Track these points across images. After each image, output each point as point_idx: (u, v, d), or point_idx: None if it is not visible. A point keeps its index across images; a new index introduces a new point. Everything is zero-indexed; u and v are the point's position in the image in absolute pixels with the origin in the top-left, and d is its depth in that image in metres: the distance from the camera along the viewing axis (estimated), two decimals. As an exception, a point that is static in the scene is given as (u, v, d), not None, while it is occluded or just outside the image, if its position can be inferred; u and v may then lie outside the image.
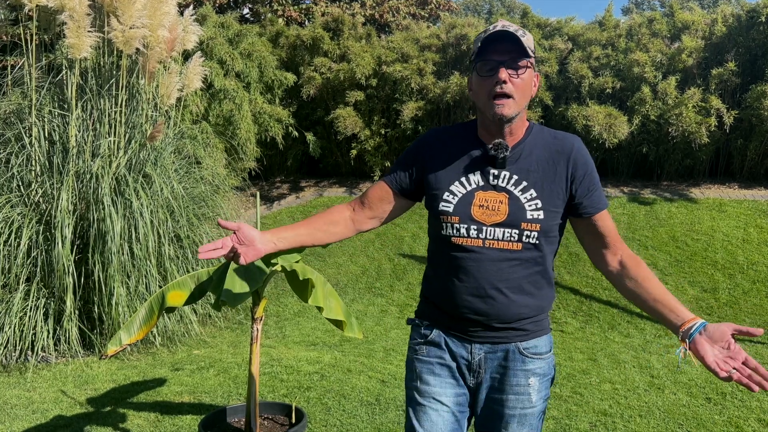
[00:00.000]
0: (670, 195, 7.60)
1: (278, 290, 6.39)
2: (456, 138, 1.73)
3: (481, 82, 1.61)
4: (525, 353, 1.70)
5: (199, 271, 2.65)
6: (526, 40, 1.58)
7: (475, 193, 1.65)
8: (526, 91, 1.62)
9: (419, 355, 1.76)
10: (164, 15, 4.89)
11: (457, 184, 1.67)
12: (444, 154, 1.71)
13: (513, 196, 1.63)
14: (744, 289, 5.84)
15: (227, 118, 7.32)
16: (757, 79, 7.55)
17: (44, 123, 4.89)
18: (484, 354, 1.70)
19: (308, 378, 4.09)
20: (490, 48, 1.59)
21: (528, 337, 1.70)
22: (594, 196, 1.66)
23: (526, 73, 1.60)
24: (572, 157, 1.65)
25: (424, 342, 1.76)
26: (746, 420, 3.47)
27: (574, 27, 8.80)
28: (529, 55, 1.58)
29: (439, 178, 1.69)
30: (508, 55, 1.58)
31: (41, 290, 4.58)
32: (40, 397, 3.90)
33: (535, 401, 1.71)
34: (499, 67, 1.57)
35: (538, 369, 1.71)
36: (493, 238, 1.63)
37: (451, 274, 1.68)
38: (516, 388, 1.69)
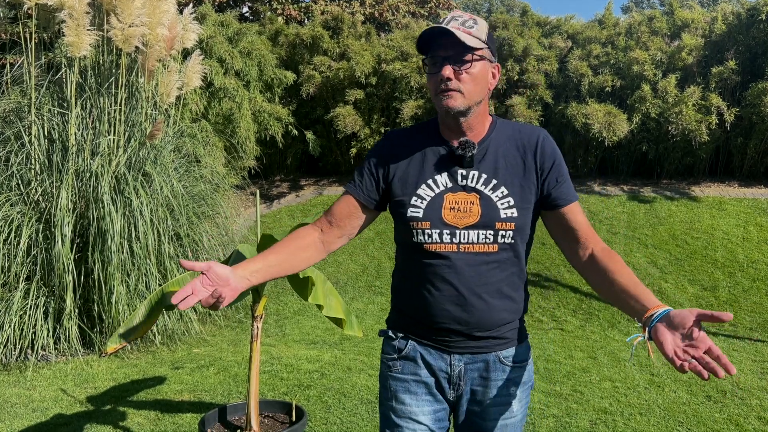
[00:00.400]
0: (670, 193, 7.60)
1: (278, 289, 6.39)
2: (417, 138, 1.63)
3: (429, 78, 1.56)
4: (505, 362, 1.63)
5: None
6: (476, 31, 1.51)
7: (444, 196, 1.56)
8: (477, 84, 1.53)
9: (393, 372, 1.66)
10: (163, 13, 4.89)
11: (424, 187, 1.57)
12: (407, 156, 1.61)
13: (484, 196, 1.55)
14: (744, 287, 5.84)
15: (227, 117, 7.32)
16: (757, 77, 7.55)
17: (44, 121, 4.88)
18: (463, 365, 1.62)
19: (308, 376, 4.09)
20: (436, 43, 1.52)
21: (508, 345, 1.63)
22: (563, 188, 1.58)
23: (475, 67, 1.52)
24: (539, 150, 1.58)
25: (398, 357, 1.66)
26: (746, 418, 3.47)
27: (574, 25, 8.80)
28: (476, 49, 1.50)
29: (405, 182, 1.59)
30: (453, 49, 1.50)
31: (41, 289, 4.58)
32: (40, 396, 3.90)
33: (516, 411, 1.65)
34: (443, 63, 1.51)
35: (519, 377, 1.65)
36: (468, 242, 1.54)
37: (426, 283, 1.58)
38: (497, 399, 1.62)
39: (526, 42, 8.25)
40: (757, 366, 4.35)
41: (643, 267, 6.24)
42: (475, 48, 1.51)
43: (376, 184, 1.64)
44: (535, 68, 8.11)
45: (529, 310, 5.81)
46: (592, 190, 7.88)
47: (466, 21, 1.53)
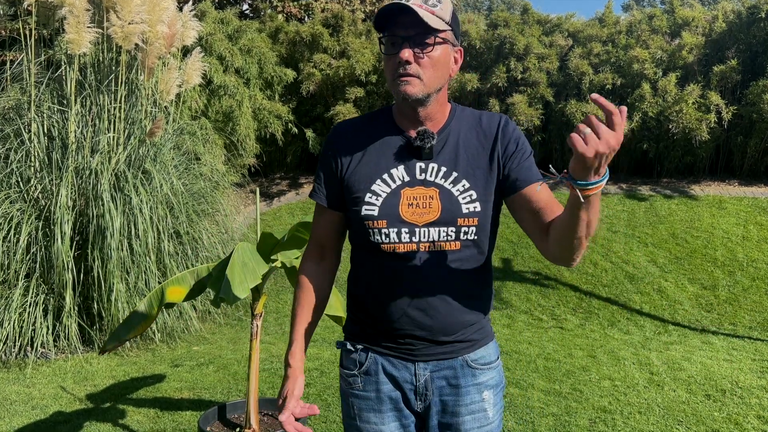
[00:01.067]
0: (670, 192, 7.59)
1: (278, 287, 6.39)
2: (370, 128, 1.50)
3: (386, 60, 1.41)
4: (474, 365, 1.51)
5: (198, 267, 2.65)
6: (440, 11, 1.37)
7: (401, 191, 1.43)
8: (438, 69, 1.39)
9: (355, 390, 1.54)
10: (163, 10, 4.88)
11: (380, 182, 1.44)
12: (359, 149, 1.48)
13: (444, 190, 1.42)
14: (744, 286, 5.84)
15: (227, 114, 7.31)
16: (757, 75, 7.54)
17: (43, 119, 4.88)
18: (429, 374, 1.49)
19: (308, 374, 4.09)
20: (395, 21, 1.37)
21: (475, 347, 1.51)
22: (524, 167, 1.43)
23: (436, 51, 1.38)
24: (500, 134, 1.45)
25: (358, 372, 1.53)
26: (745, 417, 3.47)
27: (575, 23, 8.79)
28: (439, 30, 1.37)
29: (358, 178, 1.46)
30: (413, 29, 1.36)
31: (40, 286, 4.57)
32: (39, 393, 3.90)
33: (492, 417, 1.53)
34: (402, 44, 1.37)
35: (490, 380, 1.53)
36: (428, 240, 1.42)
37: (385, 286, 1.46)
38: (471, 407, 1.50)
39: (527, 40, 8.24)
40: (757, 365, 4.35)
41: (643, 266, 6.24)
42: (438, 30, 1.37)
43: (336, 182, 1.51)
44: (536, 66, 8.10)
45: (528, 308, 5.83)
46: (592, 188, 7.87)
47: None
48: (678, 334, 5.22)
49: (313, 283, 1.57)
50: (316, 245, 1.60)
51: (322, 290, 1.58)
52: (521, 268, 6.45)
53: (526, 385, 3.90)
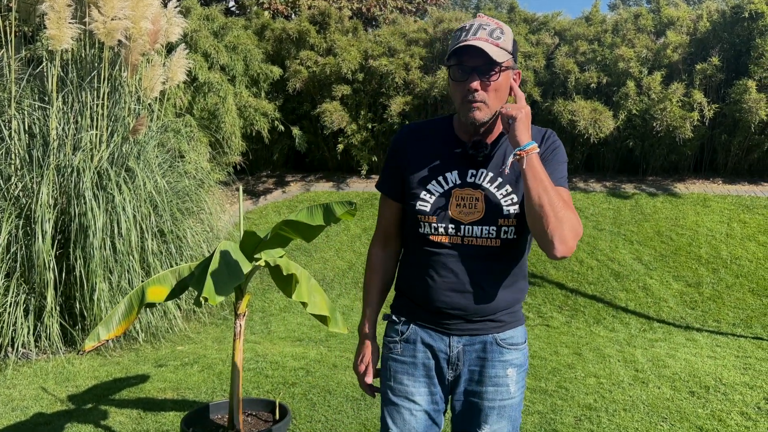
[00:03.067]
0: (655, 190, 7.64)
1: (264, 285, 6.35)
2: (433, 135, 1.72)
3: (455, 85, 1.61)
4: (502, 344, 1.71)
5: (180, 266, 2.61)
6: (503, 42, 1.57)
7: (452, 191, 1.65)
8: (500, 94, 1.61)
9: (394, 354, 1.77)
10: (147, 6, 4.82)
11: (435, 183, 1.67)
12: (422, 152, 1.71)
13: (489, 193, 1.63)
14: (727, 283, 5.89)
15: (212, 112, 7.25)
16: (741, 74, 7.60)
17: (24, 116, 4.80)
18: (462, 346, 1.71)
19: (293, 374, 4.06)
20: (464, 51, 1.56)
21: (504, 328, 1.72)
22: (554, 170, 1.62)
23: (500, 78, 1.59)
24: (541, 141, 1.67)
25: (399, 340, 1.77)
26: (729, 413, 3.49)
27: (561, 22, 8.81)
28: (501, 62, 1.56)
29: (417, 176, 1.68)
30: (481, 60, 1.56)
31: (21, 286, 4.50)
32: (20, 395, 3.84)
33: (513, 392, 1.72)
34: (471, 73, 1.57)
35: (515, 360, 1.73)
36: (471, 236, 1.64)
37: (429, 270, 1.68)
38: (495, 380, 1.71)
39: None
40: (740, 362, 4.38)
41: (628, 263, 6.27)
42: (501, 62, 1.56)
43: (398, 178, 1.74)
44: (523, 65, 8.11)
45: (515, 306, 5.84)
46: (577, 186, 7.90)
47: (494, 30, 1.57)
48: (663, 331, 5.26)
49: (380, 265, 1.86)
50: (381, 232, 1.86)
51: (387, 272, 1.86)
52: (508, 266, 6.46)
53: (512, 383, 3.90)
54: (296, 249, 7.01)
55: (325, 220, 2.19)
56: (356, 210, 2.17)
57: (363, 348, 1.86)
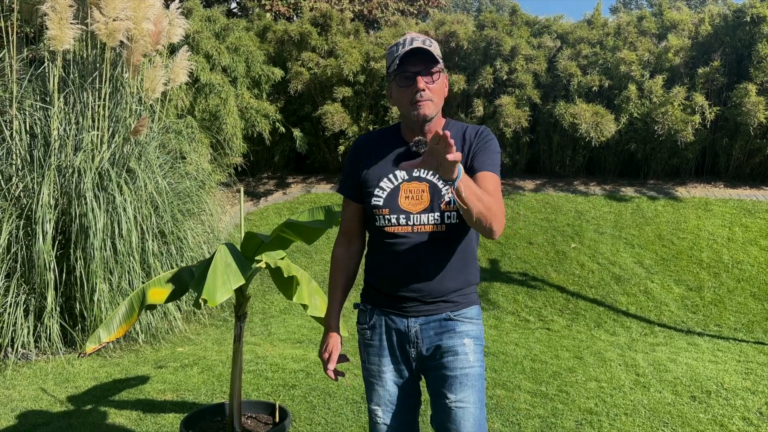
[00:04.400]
0: (656, 194, 7.63)
1: (264, 287, 6.34)
2: (382, 140, 1.95)
3: (401, 91, 1.84)
4: (456, 318, 1.90)
5: (181, 267, 2.60)
6: (434, 49, 1.81)
7: (401, 186, 1.86)
8: (440, 93, 1.86)
9: (365, 339, 1.99)
10: (149, 7, 4.82)
11: (386, 180, 1.88)
12: (373, 155, 1.93)
13: (432, 184, 1.85)
14: (729, 287, 5.88)
15: (213, 113, 7.25)
16: (742, 78, 7.60)
17: (25, 116, 4.80)
18: (419, 326, 1.90)
19: (293, 376, 4.05)
20: (406, 61, 1.80)
21: (458, 307, 1.91)
22: (480, 158, 1.83)
23: (439, 78, 1.84)
24: (476, 137, 1.88)
25: (368, 327, 1.98)
26: (730, 418, 3.48)
27: (563, 25, 8.81)
28: (438, 62, 1.81)
29: (371, 176, 1.90)
30: (422, 65, 1.81)
31: (22, 286, 4.50)
32: (19, 395, 3.83)
33: (473, 361, 1.89)
34: (416, 77, 1.81)
35: (471, 331, 1.91)
36: (420, 223, 1.84)
37: (387, 258, 1.89)
38: (453, 349, 1.88)
39: (515, 41, 8.24)
40: (742, 366, 4.37)
41: (630, 267, 6.26)
42: (438, 61, 1.81)
43: (356, 180, 1.95)
44: (524, 68, 8.11)
45: (515, 309, 5.83)
46: (578, 189, 7.90)
47: (425, 40, 1.82)
48: (664, 335, 5.24)
49: (343, 264, 2.03)
50: (345, 233, 2.04)
51: (350, 269, 2.04)
52: (508, 269, 6.45)
53: (513, 387, 3.89)
54: (297, 251, 7.00)
55: (326, 222, 2.18)
56: (358, 212, 2.16)
57: (327, 338, 2.04)
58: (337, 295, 2.04)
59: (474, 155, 1.86)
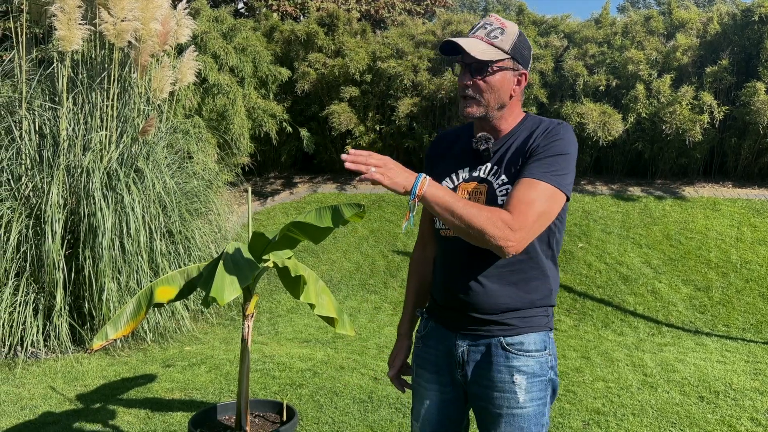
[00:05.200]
0: (664, 193, 7.60)
1: (271, 286, 6.36)
2: (456, 137, 1.80)
3: (457, 80, 1.67)
4: (508, 349, 1.64)
5: (189, 266, 2.62)
6: (500, 42, 1.60)
7: (458, 187, 1.69)
8: (496, 92, 1.62)
9: (417, 349, 1.86)
10: (157, 8, 4.84)
11: (447, 180, 1.72)
12: (444, 154, 1.79)
13: (490, 185, 1.64)
14: (737, 287, 5.85)
15: (220, 113, 7.27)
16: (751, 77, 7.56)
17: (35, 116, 4.83)
18: (467, 347, 1.69)
19: (300, 375, 4.06)
20: (457, 48, 1.60)
21: (513, 332, 1.64)
22: (537, 164, 1.57)
23: (494, 76, 1.61)
24: (541, 133, 1.62)
25: (421, 336, 1.84)
26: (739, 419, 3.46)
27: (570, 24, 8.78)
28: (492, 61, 1.59)
29: (437, 176, 1.72)
30: (473, 59, 1.60)
31: (31, 285, 4.53)
32: (29, 393, 3.86)
33: (522, 402, 1.63)
34: (465, 71, 1.63)
35: (525, 367, 1.64)
36: None
37: (441, 265, 1.75)
38: (500, 385, 1.64)
39: (522, 41, 8.22)
40: (750, 367, 4.34)
41: (637, 267, 6.24)
42: (491, 60, 1.59)
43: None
44: (531, 67, 8.09)
45: (522, 309, 5.81)
46: (586, 189, 7.87)
47: (494, 30, 1.61)
48: (672, 335, 5.22)
49: (416, 267, 1.93)
50: (421, 235, 1.93)
51: (424, 274, 1.90)
52: (515, 269, 6.44)
53: (520, 387, 3.88)
54: (304, 250, 7.02)
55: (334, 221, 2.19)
56: (364, 212, 2.17)
57: (395, 343, 1.96)
58: (410, 299, 1.93)
59: (530, 156, 1.60)
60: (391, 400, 3.64)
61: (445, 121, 8.46)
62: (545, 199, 1.54)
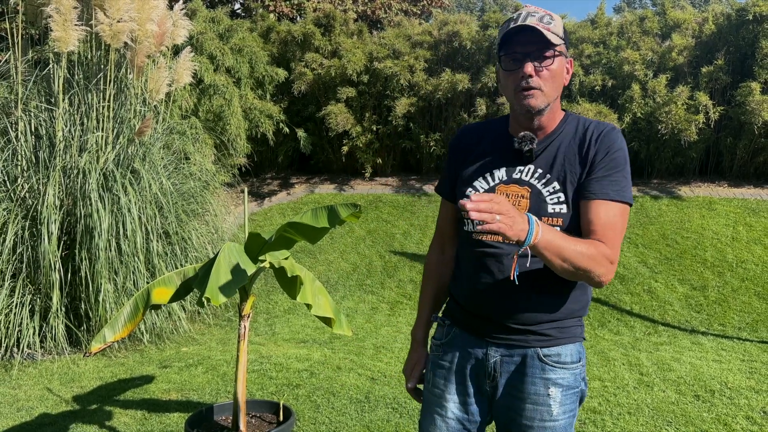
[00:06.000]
0: (660, 193, 7.62)
1: (268, 287, 6.36)
2: (487, 133, 1.68)
3: (507, 75, 1.55)
4: (545, 360, 1.58)
5: (185, 267, 2.62)
6: (554, 27, 1.51)
7: (496, 188, 1.58)
8: (555, 81, 1.54)
9: (435, 357, 1.73)
10: (153, 9, 4.84)
11: (481, 179, 1.61)
12: (474, 151, 1.67)
13: (535, 190, 1.54)
14: (733, 287, 5.87)
15: (217, 114, 7.27)
16: (746, 77, 7.58)
17: (31, 117, 4.83)
18: (500, 357, 1.60)
19: (297, 375, 4.07)
20: (514, 40, 1.51)
21: (550, 343, 1.58)
22: (606, 181, 1.50)
23: (554, 63, 1.52)
24: (596, 140, 1.54)
25: (441, 343, 1.71)
26: (734, 417, 3.48)
27: (566, 25, 8.79)
28: (556, 45, 1.50)
29: (466, 174, 1.64)
30: (533, 46, 1.50)
31: (27, 287, 4.52)
32: (25, 395, 3.86)
33: (556, 414, 1.57)
34: (524, 60, 1.50)
35: (561, 379, 1.58)
36: None
37: (472, 270, 1.61)
38: (534, 397, 1.57)
39: (518, 41, 8.24)
40: (746, 365, 4.36)
41: (633, 266, 6.26)
42: (555, 44, 1.50)
43: (453, 177, 1.70)
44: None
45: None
46: (583, 189, 7.89)
47: (543, 17, 1.52)
48: (668, 334, 5.24)
49: (434, 269, 1.82)
50: (439, 235, 1.82)
51: (442, 276, 1.81)
52: (512, 269, 6.45)
53: (516, 386, 3.89)
54: (300, 251, 7.02)
55: (330, 222, 2.19)
56: (361, 212, 2.17)
57: (411, 352, 1.84)
58: (426, 304, 1.81)
59: (592, 169, 1.51)
60: (388, 400, 3.64)
61: (442, 122, 8.47)
62: (623, 219, 1.52)
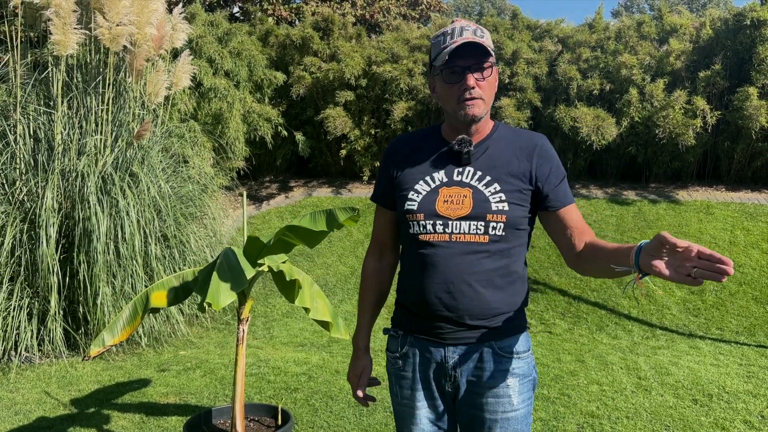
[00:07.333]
0: (658, 197, 7.64)
1: (266, 291, 6.35)
2: (421, 141, 1.75)
3: (448, 88, 1.63)
4: (500, 353, 1.66)
5: (184, 271, 2.62)
6: (486, 40, 1.61)
7: (439, 190, 1.65)
8: (492, 89, 1.66)
9: (395, 368, 1.77)
10: (152, 12, 4.85)
11: (422, 183, 1.68)
12: (410, 157, 1.73)
13: (477, 190, 1.63)
14: (731, 291, 5.88)
15: (216, 117, 7.28)
16: (743, 82, 7.61)
17: (29, 120, 4.83)
18: (458, 357, 1.67)
19: (295, 379, 4.06)
20: (455, 53, 1.59)
21: (502, 336, 1.67)
22: (560, 191, 1.66)
23: (491, 74, 1.64)
24: (536, 153, 1.66)
25: (399, 355, 1.75)
26: (732, 422, 3.48)
27: (564, 29, 8.83)
28: (491, 54, 1.61)
29: (406, 179, 1.70)
30: (473, 59, 1.60)
31: (25, 290, 4.52)
32: (23, 398, 3.85)
33: (516, 404, 1.66)
34: (465, 73, 1.60)
35: (517, 369, 1.67)
36: (460, 232, 1.62)
37: (420, 271, 1.66)
38: (494, 390, 1.65)
39: (516, 45, 8.27)
40: (743, 370, 4.37)
41: (631, 270, 6.26)
42: (491, 54, 1.61)
43: (390, 185, 1.75)
44: (525, 71, 8.13)
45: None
46: (580, 193, 7.91)
47: (476, 30, 1.61)
48: (666, 338, 5.25)
49: (373, 278, 1.87)
50: (376, 243, 1.87)
51: (382, 284, 1.87)
52: (510, 273, 6.45)
53: (515, 390, 3.89)
54: (299, 254, 7.02)
55: (328, 225, 2.20)
56: (359, 216, 2.18)
57: (355, 360, 1.88)
58: (366, 311, 1.87)
59: (546, 182, 1.65)
60: (386, 404, 3.64)
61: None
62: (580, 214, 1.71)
